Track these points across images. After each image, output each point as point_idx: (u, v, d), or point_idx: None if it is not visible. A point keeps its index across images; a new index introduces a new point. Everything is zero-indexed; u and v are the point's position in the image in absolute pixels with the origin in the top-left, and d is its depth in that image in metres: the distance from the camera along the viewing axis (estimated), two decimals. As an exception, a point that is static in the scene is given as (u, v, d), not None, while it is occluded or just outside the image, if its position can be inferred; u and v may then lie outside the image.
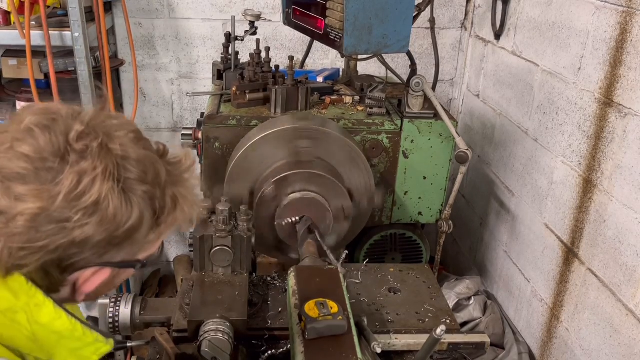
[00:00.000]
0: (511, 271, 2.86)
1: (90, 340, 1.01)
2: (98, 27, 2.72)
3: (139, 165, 0.94)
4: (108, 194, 0.88)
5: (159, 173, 0.98)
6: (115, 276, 1.03)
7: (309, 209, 1.99)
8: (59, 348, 0.98)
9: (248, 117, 2.23)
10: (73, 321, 0.98)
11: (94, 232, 0.88)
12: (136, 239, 0.95)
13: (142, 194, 0.93)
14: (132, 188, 0.92)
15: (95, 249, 0.91)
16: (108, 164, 0.89)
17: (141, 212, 0.93)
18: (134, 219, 0.92)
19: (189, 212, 1.05)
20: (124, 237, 0.93)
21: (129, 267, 1.02)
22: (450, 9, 3.33)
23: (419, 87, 2.27)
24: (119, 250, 0.95)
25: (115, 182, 0.89)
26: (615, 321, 2.06)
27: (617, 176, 2.05)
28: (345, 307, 1.39)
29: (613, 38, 2.05)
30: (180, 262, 3.70)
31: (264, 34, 3.15)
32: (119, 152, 0.91)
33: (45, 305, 0.94)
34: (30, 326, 0.93)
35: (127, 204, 0.90)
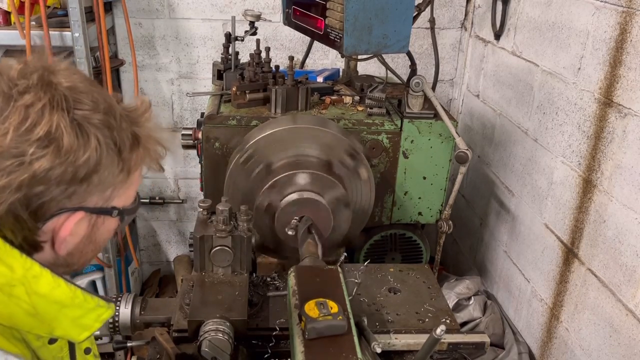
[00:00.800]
0: (511, 271, 2.87)
1: (91, 306, 0.99)
2: (98, 27, 2.72)
3: (89, 96, 0.93)
4: (59, 124, 0.87)
5: (112, 105, 0.96)
6: (93, 226, 1.01)
7: (309, 209, 1.99)
8: (60, 319, 0.96)
9: (248, 117, 2.23)
10: (72, 288, 0.96)
11: (52, 163, 0.87)
12: (103, 178, 0.94)
13: (96, 123, 0.91)
14: (85, 117, 0.90)
15: (61, 186, 0.89)
16: (54, 94, 0.88)
17: (98, 142, 0.91)
18: (92, 150, 0.90)
19: (155, 150, 1.05)
20: (88, 173, 0.91)
21: (104, 213, 1.00)
22: (450, 9, 3.33)
23: (419, 87, 2.27)
24: (88, 192, 0.94)
25: (65, 112, 0.88)
26: (615, 321, 2.06)
27: (617, 176, 2.05)
28: (345, 307, 1.39)
29: (613, 38, 2.05)
30: (180, 262, 3.70)
31: (264, 34, 3.15)
32: (64, 84, 0.91)
33: (43, 275, 0.92)
34: (29, 298, 0.91)
35: (82, 134, 0.89)
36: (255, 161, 2.10)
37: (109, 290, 3.12)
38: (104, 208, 0.99)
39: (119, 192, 1.00)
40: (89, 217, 0.98)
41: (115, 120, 0.95)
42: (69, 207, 0.93)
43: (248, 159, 2.09)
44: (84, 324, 0.99)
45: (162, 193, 3.63)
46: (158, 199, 3.59)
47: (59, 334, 0.98)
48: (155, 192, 3.62)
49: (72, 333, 0.99)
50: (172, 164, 3.55)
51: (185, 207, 3.70)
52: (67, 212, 0.93)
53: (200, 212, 1.73)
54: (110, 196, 0.99)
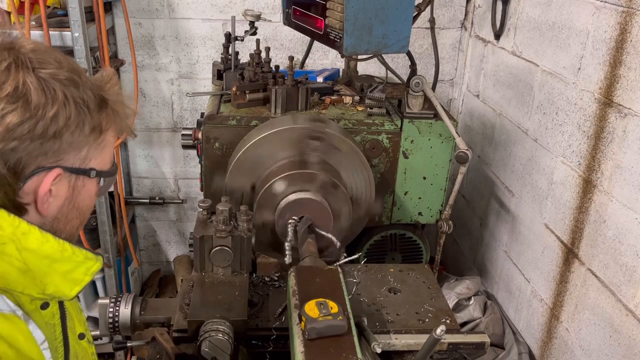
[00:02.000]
0: (511, 271, 2.87)
1: (80, 259, 1.02)
2: (98, 27, 2.72)
3: (52, 56, 0.97)
4: (26, 80, 0.92)
5: (76, 66, 1.01)
6: (74, 188, 1.04)
7: (309, 209, 1.99)
8: (51, 275, 0.99)
9: (248, 117, 2.23)
10: (61, 241, 0.99)
11: (22, 117, 0.90)
12: (75, 136, 0.98)
13: (62, 79, 0.95)
14: (50, 74, 0.95)
15: (34, 141, 0.93)
16: (17, 55, 0.93)
17: (65, 97, 0.95)
18: (59, 104, 0.94)
19: (123, 111, 1.08)
20: (59, 130, 0.95)
21: (82, 173, 1.03)
22: (450, 9, 3.33)
23: (419, 87, 2.27)
24: (63, 150, 0.97)
25: (30, 70, 0.93)
26: (615, 321, 2.06)
27: (617, 176, 2.05)
28: (345, 307, 1.39)
29: (613, 38, 2.05)
30: (180, 262, 3.71)
31: (264, 34, 3.15)
32: (27, 47, 0.96)
33: (32, 232, 0.96)
34: (20, 255, 0.94)
35: (49, 90, 0.93)
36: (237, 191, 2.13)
37: (109, 291, 3.12)
38: (81, 168, 1.02)
39: (94, 153, 1.04)
40: (68, 177, 1.01)
41: (80, 78, 1.00)
42: (46, 166, 0.97)
43: (231, 194, 2.12)
44: (74, 278, 1.02)
45: (162, 193, 3.63)
46: (158, 199, 3.59)
47: (51, 292, 1.00)
48: (155, 192, 3.62)
49: (63, 288, 1.01)
50: (172, 164, 3.56)
51: (185, 207, 3.70)
52: (45, 170, 0.97)
53: (200, 212, 1.73)
54: (87, 156, 1.03)
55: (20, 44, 0.96)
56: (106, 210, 2.89)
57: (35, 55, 0.95)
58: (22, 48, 0.95)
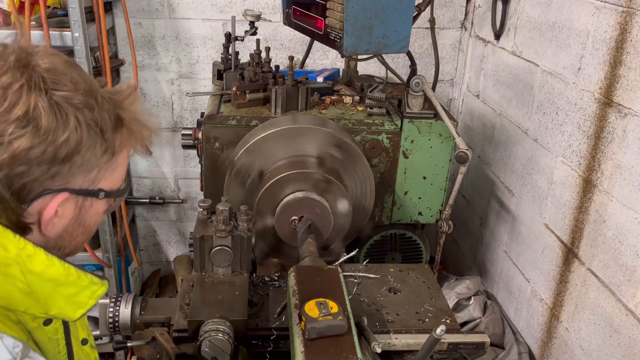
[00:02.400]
0: (511, 271, 2.87)
1: (85, 283, 1.00)
2: (98, 27, 2.72)
3: (67, 77, 0.93)
4: (38, 104, 0.88)
5: (92, 86, 0.97)
6: (80, 208, 1.01)
7: (309, 209, 1.99)
8: (55, 297, 0.97)
9: (248, 117, 2.23)
10: (66, 265, 0.97)
11: (32, 143, 0.87)
12: (86, 159, 0.95)
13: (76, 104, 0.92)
14: (64, 97, 0.91)
15: (42, 166, 0.90)
16: (31, 75, 0.89)
17: (78, 122, 0.92)
18: (71, 129, 0.91)
19: (140, 132, 1.05)
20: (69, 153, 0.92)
21: (90, 195, 1.00)
22: (450, 9, 3.33)
23: (419, 87, 2.27)
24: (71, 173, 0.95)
25: (43, 92, 0.89)
26: (615, 321, 2.06)
27: (617, 176, 2.05)
28: (345, 307, 1.39)
29: (613, 38, 2.05)
30: (180, 262, 3.70)
31: (264, 34, 3.15)
32: (42, 65, 0.92)
33: (37, 254, 0.94)
34: (24, 277, 0.92)
35: (61, 114, 0.90)
36: (246, 171, 2.12)
37: (109, 290, 3.10)
38: (90, 190, 1.00)
39: (105, 174, 1.01)
40: (75, 198, 0.99)
41: (96, 100, 0.96)
42: (53, 189, 0.94)
43: (239, 171, 2.11)
44: (78, 302, 1.00)
45: (162, 193, 3.63)
46: (158, 199, 3.59)
47: (55, 313, 0.98)
48: (155, 192, 3.62)
49: (67, 311, 1.00)
50: (172, 164, 3.56)
51: (185, 207, 3.70)
52: (51, 193, 0.94)
53: (200, 212, 1.73)
54: (96, 178, 1.00)
55: (35, 62, 0.91)
56: (106, 210, 2.89)
57: (50, 75, 0.91)
58: (37, 67, 0.91)
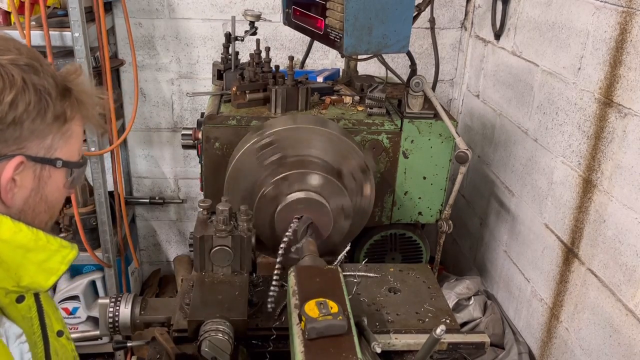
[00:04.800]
0: (511, 271, 2.87)
1: (55, 247, 1.00)
2: (98, 27, 2.72)
3: (11, 43, 0.96)
4: None
5: (37, 54, 0.98)
6: (39, 178, 1.01)
7: (309, 209, 1.99)
8: (26, 265, 0.97)
9: (248, 117, 2.23)
10: (34, 230, 0.97)
11: None
12: (37, 124, 0.95)
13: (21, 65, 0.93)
14: (9, 59, 0.92)
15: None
16: None
17: (24, 82, 0.92)
18: (18, 89, 0.91)
19: (89, 102, 1.05)
20: (18, 116, 0.92)
21: (47, 162, 1.00)
22: (450, 9, 3.33)
23: (419, 87, 2.27)
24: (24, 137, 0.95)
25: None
26: (615, 321, 2.06)
27: (617, 176, 2.05)
28: (345, 307, 1.39)
29: (613, 38, 2.05)
30: (180, 262, 3.70)
31: (264, 34, 3.15)
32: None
33: (3, 222, 0.94)
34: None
35: (6, 75, 0.91)
36: (274, 149, 2.08)
37: (109, 290, 3.12)
38: (46, 158, 1.00)
39: (60, 142, 1.02)
40: (32, 166, 0.99)
41: (40, 66, 0.97)
42: (8, 154, 0.94)
43: (267, 145, 2.08)
44: (49, 268, 1.00)
45: (162, 193, 3.63)
46: (158, 199, 3.59)
47: (27, 283, 0.98)
48: (155, 192, 3.62)
49: (39, 279, 0.99)
50: (172, 164, 3.56)
51: (185, 207, 3.70)
52: (6, 158, 0.94)
53: (200, 212, 1.73)
54: (51, 146, 1.00)
55: None
56: (106, 210, 2.89)
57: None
58: None
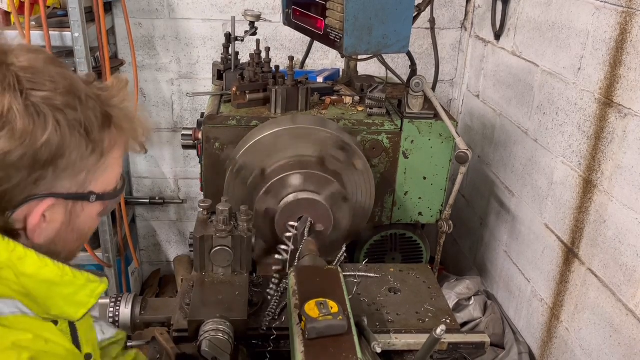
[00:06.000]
0: (511, 271, 2.87)
1: (82, 282, 0.97)
2: (98, 27, 2.72)
3: (46, 76, 0.89)
4: (12, 106, 0.84)
5: (74, 84, 0.92)
6: (71, 213, 0.97)
7: (309, 210, 1.99)
8: (54, 298, 0.94)
9: (248, 118, 2.23)
10: (60, 266, 0.94)
11: (9, 147, 0.83)
12: (71, 161, 0.90)
13: (56, 104, 0.88)
14: (43, 97, 0.87)
15: (22, 171, 0.86)
16: (5, 75, 0.85)
17: (58, 123, 0.87)
18: (50, 132, 0.86)
19: (132, 130, 1.01)
20: (51, 157, 0.87)
21: (81, 199, 0.96)
22: (450, 9, 3.33)
23: (419, 88, 2.27)
24: (56, 177, 0.90)
25: (18, 93, 0.85)
26: (615, 321, 2.06)
27: (617, 176, 2.05)
28: (345, 307, 1.39)
29: (613, 38, 2.05)
30: (180, 262, 3.70)
31: (264, 34, 3.15)
32: (17, 64, 0.87)
33: (28, 256, 0.90)
34: (18, 279, 0.89)
35: (38, 115, 0.85)
36: (248, 169, 2.12)
37: (109, 290, 3.10)
38: (79, 194, 0.95)
39: (95, 175, 0.97)
40: (63, 203, 0.95)
41: (79, 99, 0.91)
42: (38, 194, 0.90)
43: (240, 169, 2.11)
44: (78, 301, 0.97)
45: (162, 193, 3.63)
46: (158, 199, 3.59)
47: (56, 313, 0.96)
48: (155, 192, 3.62)
49: (68, 311, 0.97)
50: (172, 164, 3.56)
51: (185, 207, 3.70)
52: (36, 199, 0.90)
53: (200, 212, 1.73)
54: (86, 180, 0.96)
55: (10, 61, 0.87)
56: (106, 210, 2.89)
57: (26, 74, 0.87)
58: (11, 66, 0.87)
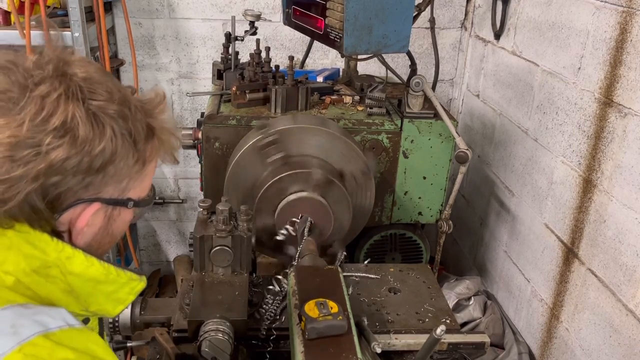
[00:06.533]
0: (511, 271, 2.86)
1: (124, 280, 1.03)
2: (98, 27, 2.72)
3: (103, 87, 0.94)
4: (75, 114, 0.88)
5: (126, 96, 0.98)
6: (109, 217, 1.02)
7: (310, 210, 1.99)
8: (96, 295, 0.99)
9: (248, 117, 2.23)
10: (106, 265, 0.99)
11: (68, 153, 0.88)
12: (119, 169, 0.96)
13: (111, 114, 0.93)
14: (100, 107, 0.92)
15: (77, 176, 0.91)
16: (69, 84, 0.90)
17: (114, 132, 0.93)
18: (107, 140, 0.92)
19: (169, 141, 1.07)
20: (104, 164, 0.92)
21: (120, 204, 1.01)
22: (450, 9, 3.33)
23: (419, 87, 2.27)
24: (104, 183, 0.96)
25: (80, 102, 0.90)
26: (615, 321, 2.06)
27: (617, 176, 2.05)
28: (345, 307, 1.39)
29: (613, 38, 2.05)
30: (180, 262, 3.70)
31: (264, 34, 3.15)
32: (79, 75, 0.92)
33: (76, 256, 0.95)
34: (65, 278, 0.94)
35: (97, 124, 0.91)
36: (277, 147, 2.07)
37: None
38: (119, 199, 1.01)
39: (135, 183, 1.02)
40: (105, 208, 1.00)
41: (129, 111, 0.97)
42: (86, 198, 0.95)
43: (271, 143, 2.06)
44: (118, 298, 1.03)
45: (162, 193, 3.63)
46: (158, 199, 3.58)
47: (95, 309, 1.01)
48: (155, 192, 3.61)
49: (107, 307, 1.02)
50: (172, 164, 3.55)
51: (185, 207, 3.70)
52: (84, 203, 0.95)
53: (200, 212, 1.73)
54: (126, 187, 1.01)
55: (73, 71, 0.92)
56: (106, 210, 2.89)
57: (87, 84, 0.92)
58: (74, 76, 0.92)
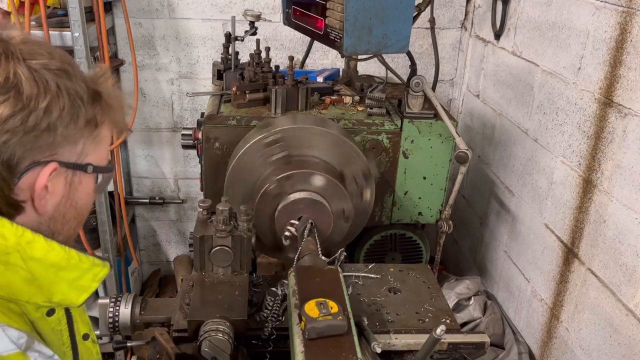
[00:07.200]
0: (511, 271, 2.87)
1: (87, 266, 1.01)
2: (98, 27, 2.72)
3: (43, 47, 0.95)
4: (17, 71, 0.90)
5: (67, 57, 0.99)
6: (70, 184, 1.02)
7: (309, 210, 1.99)
8: (58, 282, 0.97)
9: (248, 117, 2.23)
10: (67, 249, 0.98)
11: (14, 109, 0.88)
12: (70, 129, 0.96)
13: (54, 70, 0.94)
14: (42, 64, 0.93)
15: (27, 134, 0.91)
16: (7, 46, 0.91)
17: (58, 87, 0.93)
18: (52, 95, 0.92)
19: (119, 107, 1.07)
20: (52, 122, 0.93)
21: (79, 168, 1.01)
22: (450, 9, 3.33)
23: (419, 87, 2.27)
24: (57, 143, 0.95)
25: (21, 60, 0.91)
26: (615, 321, 2.06)
27: (617, 176, 2.05)
28: (345, 307, 1.39)
29: (613, 38, 2.05)
30: (180, 262, 3.71)
31: (264, 34, 3.15)
32: (17, 38, 0.94)
33: (36, 240, 0.94)
34: (25, 264, 0.93)
35: (40, 80, 0.91)
36: (280, 147, 2.07)
37: (109, 290, 3.12)
38: (78, 163, 1.01)
39: (90, 147, 1.02)
40: (64, 172, 0.99)
41: (72, 69, 0.98)
42: (42, 160, 0.95)
43: (274, 142, 2.06)
44: (81, 285, 1.01)
45: (162, 193, 3.63)
46: (158, 199, 3.59)
47: (58, 300, 0.99)
48: (155, 192, 3.62)
49: (70, 296, 1.00)
50: (172, 164, 3.56)
51: (185, 207, 3.70)
52: (41, 165, 0.95)
53: (200, 212, 1.73)
54: (83, 151, 1.01)
55: (11, 35, 0.94)
56: (106, 210, 2.89)
57: (26, 46, 0.93)
58: (12, 39, 0.93)
